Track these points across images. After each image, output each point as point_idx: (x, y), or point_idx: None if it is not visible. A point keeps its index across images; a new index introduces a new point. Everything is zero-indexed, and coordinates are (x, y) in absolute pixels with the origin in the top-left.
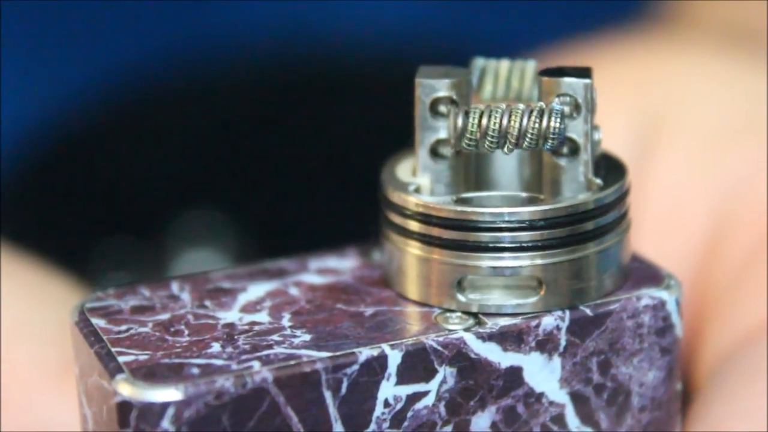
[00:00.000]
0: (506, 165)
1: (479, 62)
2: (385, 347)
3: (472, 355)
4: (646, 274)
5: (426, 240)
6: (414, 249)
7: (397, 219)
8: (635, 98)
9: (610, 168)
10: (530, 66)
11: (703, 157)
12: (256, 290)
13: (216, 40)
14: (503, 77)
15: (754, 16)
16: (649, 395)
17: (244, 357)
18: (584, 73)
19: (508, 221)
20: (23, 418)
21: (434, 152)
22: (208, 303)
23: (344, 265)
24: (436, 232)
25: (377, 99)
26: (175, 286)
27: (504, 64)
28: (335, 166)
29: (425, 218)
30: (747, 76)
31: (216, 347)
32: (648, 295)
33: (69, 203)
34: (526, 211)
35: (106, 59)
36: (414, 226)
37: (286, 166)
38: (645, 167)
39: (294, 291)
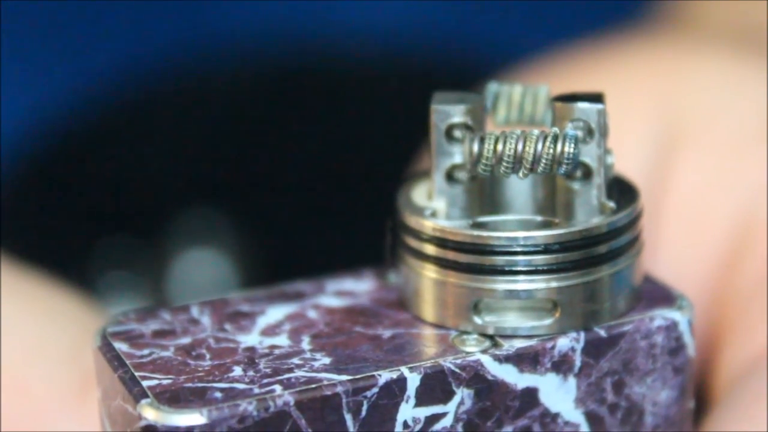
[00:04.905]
0: (520, 188)
1: (493, 87)
2: (404, 370)
3: (489, 377)
4: (659, 294)
5: (442, 263)
6: (430, 272)
7: (413, 243)
8: (649, 103)
9: (622, 191)
10: (543, 91)
11: (721, 167)
12: (275, 313)
13: (216, 40)
14: (516, 102)
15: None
16: (662, 414)
17: (265, 381)
18: (596, 98)
19: (523, 245)
20: None
21: (450, 176)
22: (228, 326)
23: (361, 287)
24: (451, 255)
25: (378, 99)
26: (195, 310)
27: (517, 89)
28: (335, 165)
29: (441, 242)
30: (761, 80)
31: (238, 371)
32: (661, 316)
33: (69, 203)
34: (541, 236)
35: (105, 59)
36: (430, 249)
37: (286, 165)
38: (662, 176)
39: (312, 314)
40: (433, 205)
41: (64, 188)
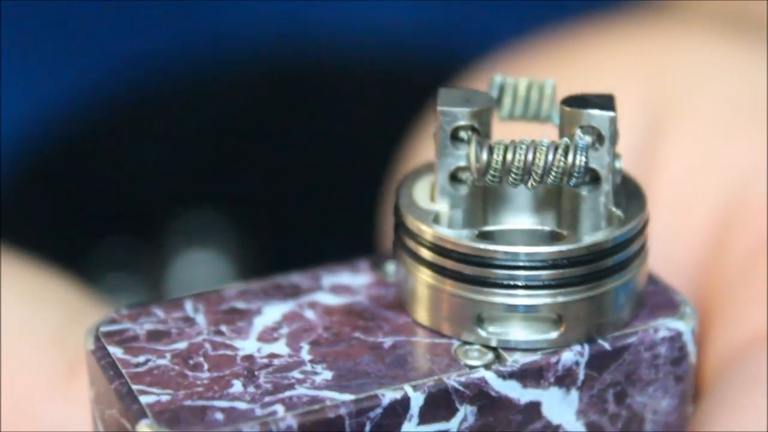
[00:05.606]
0: (525, 192)
1: (497, 80)
2: (408, 389)
3: (493, 393)
4: (662, 299)
5: (439, 270)
6: (426, 276)
7: (411, 244)
8: (637, 84)
9: (629, 194)
10: (548, 85)
11: (709, 148)
12: (272, 313)
13: (215, 40)
14: (522, 96)
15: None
16: (662, 421)
17: (267, 399)
18: (607, 103)
19: (528, 260)
20: (32, 424)
21: (453, 177)
22: (224, 328)
23: (357, 281)
24: (449, 264)
25: (376, 98)
26: (189, 306)
27: (522, 83)
28: (334, 165)
29: (440, 250)
30: (749, 61)
31: (237, 386)
32: (665, 327)
33: (69, 203)
34: (547, 251)
35: (106, 59)
36: (427, 255)
37: (285, 165)
38: (649, 157)
39: (310, 314)
40: (435, 208)
41: (64, 189)
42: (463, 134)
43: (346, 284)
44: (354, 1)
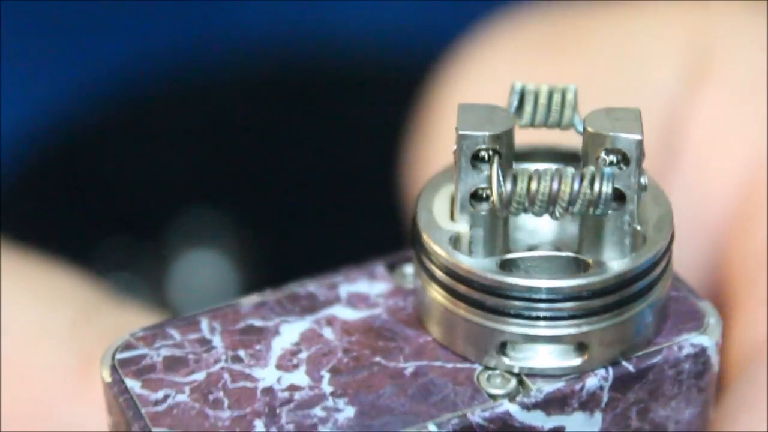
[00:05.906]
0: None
1: (517, 86)
2: (432, 428)
3: (517, 424)
4: (685, 308)
5: (458, 297)
6: (446, 301)
7: (429, 266)
8: (679, 41)
9: (653, 200)
10: (570, 91)
11: (739, 111)
12: (289, 332)
13: (216, 40)
14: (543, 103)
15: None
16: (684, 429)
17: None
18: (633, 122)
19: (549, 294)
20: (48, 422)
21: (474, 195)
22: (242, 353)
23: (375, 289)
24: (469, 292)
25: (377, 98)
26: (204, 326)
27: (543, 89)
28: (334, 165)
29: (459, 278)
30: None
31: (259, 427)
32: (689, 343)
33: (69, 203)
34: (569, 285)
35: (106, 59)
36: (446, 280)
37: (285, 165)
38: (683, 112)
39: (328, 333)
40: (455, 228)
41: (64, 189)
42: (483, 153)
43: (364, 293)
44: (354, 1)
